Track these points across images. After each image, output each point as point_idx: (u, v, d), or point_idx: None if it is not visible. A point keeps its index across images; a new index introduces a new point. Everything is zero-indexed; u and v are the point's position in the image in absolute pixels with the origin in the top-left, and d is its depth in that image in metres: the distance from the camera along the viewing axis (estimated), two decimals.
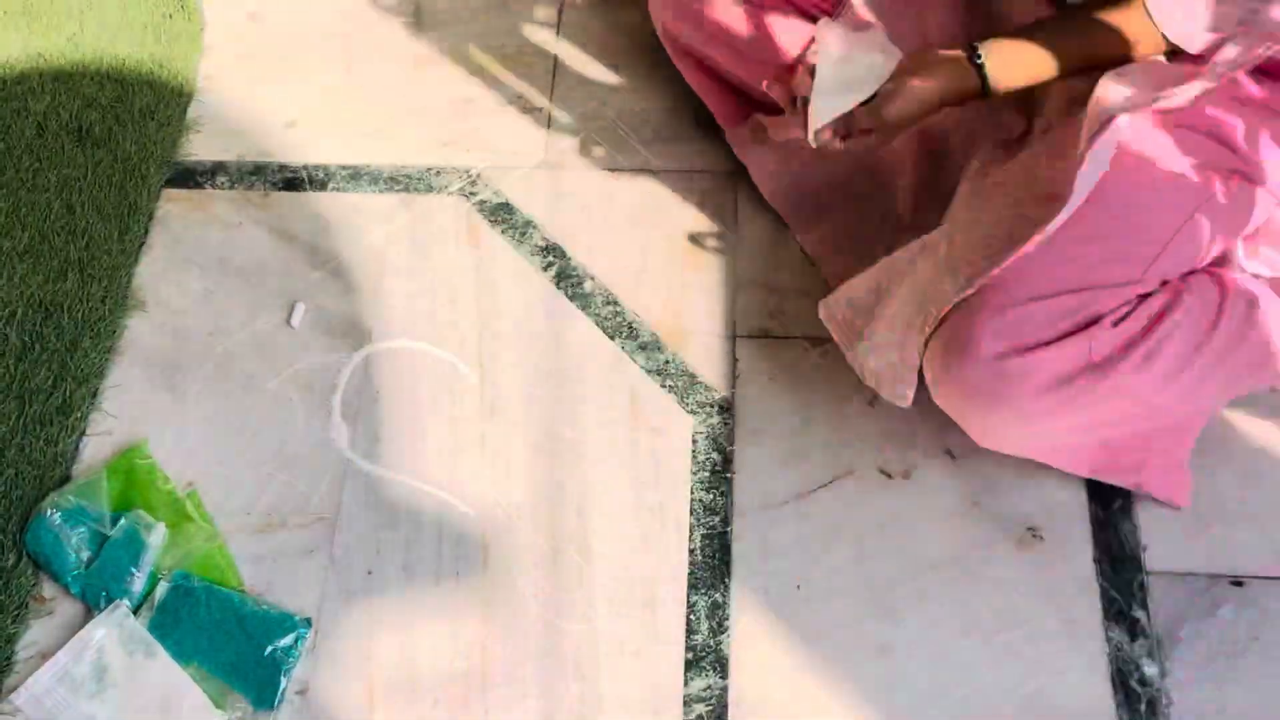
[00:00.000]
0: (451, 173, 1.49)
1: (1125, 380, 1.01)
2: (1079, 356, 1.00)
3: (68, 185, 1.46)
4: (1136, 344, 1.01)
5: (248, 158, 1.51)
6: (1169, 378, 1.03)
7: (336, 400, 1.31)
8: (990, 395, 1.03)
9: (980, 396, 1.04)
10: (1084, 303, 1.01)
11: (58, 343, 1.33)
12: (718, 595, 1.18)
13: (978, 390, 1.04)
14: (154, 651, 1.13)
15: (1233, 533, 1.18)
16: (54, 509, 1.19)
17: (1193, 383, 1.06)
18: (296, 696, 1.13)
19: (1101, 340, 1.01)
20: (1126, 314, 1.02)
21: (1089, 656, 1.13)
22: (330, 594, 1.19)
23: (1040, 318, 1.01)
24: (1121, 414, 1.07)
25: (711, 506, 1.23)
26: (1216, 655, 1.12)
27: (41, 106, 1.53)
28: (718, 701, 1.12)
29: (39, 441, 1.26)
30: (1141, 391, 1.03)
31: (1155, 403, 1.05)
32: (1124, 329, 1.01)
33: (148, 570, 1.17)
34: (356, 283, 1.40)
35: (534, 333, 1.35)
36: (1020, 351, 1.00)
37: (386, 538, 1.22)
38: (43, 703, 1.12)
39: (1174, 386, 1.05)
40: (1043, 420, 1.04)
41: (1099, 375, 1.00)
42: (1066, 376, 1.01)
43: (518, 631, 1.16)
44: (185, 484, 1.25)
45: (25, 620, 1.17)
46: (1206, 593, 1.16)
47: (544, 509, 1.23)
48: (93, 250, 1.41)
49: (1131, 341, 1.01)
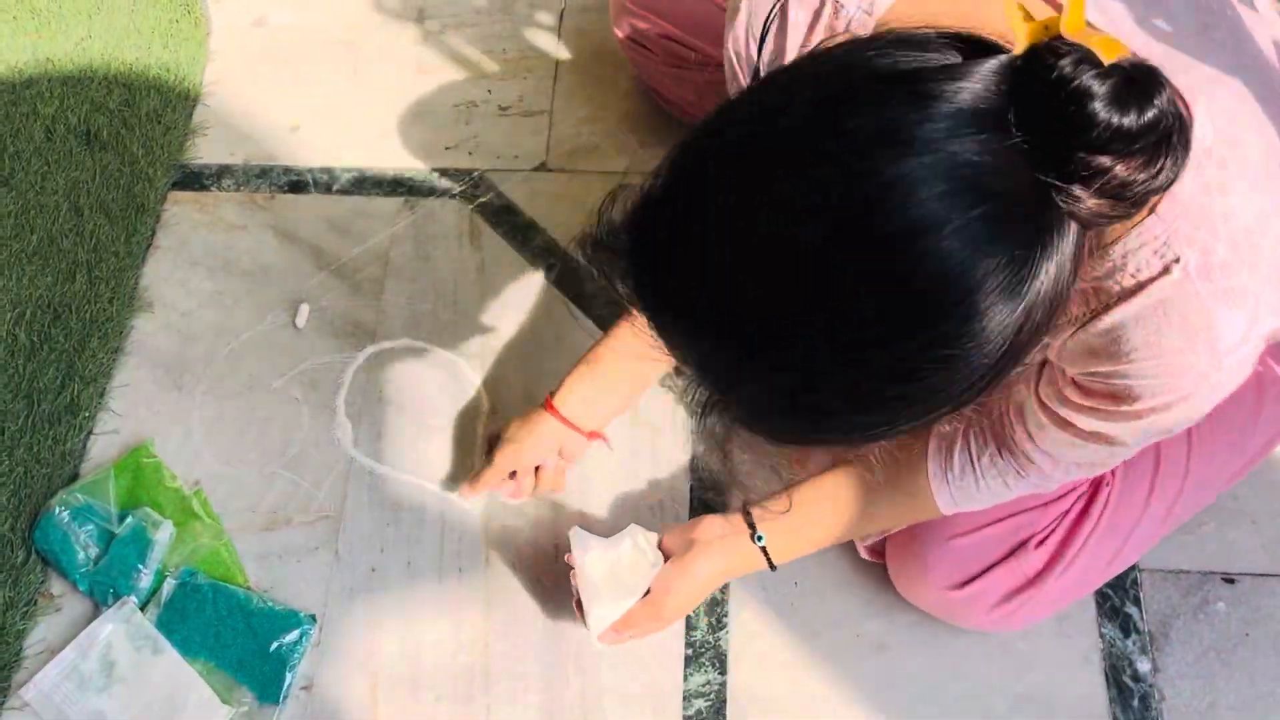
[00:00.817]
0: (454, 176, 1.49)
1: (1052, 586, 1.05)
2: (1016, 576, 1.05)
3: (76, 188, 1.46)
4: (1059, 556, 1.05)
5: (253, 161, 1.51)
6: (1088, 573, 1.07)
7: (341, 399, 1.31)
8: (947, 615, 1.11)
9: (940, 614, 1.12)
10: (1016, 527, 1.05)
11: (66, 343, 1.33)
12: (716, 592, 1.18)
13: (936, 611, 1.11)
14: (161, 648, 1.13)
15: (1225, 531, 1.18)
16: (62, 507, 1.19)
17: (1129, 556, 1.08)
18: (301, 692, 1.13)
19: (1030, 560, 1.05)
20: (1050, 531, 1.05)
21: (1083, 653, 1.13)
22: (334, 591, 1.19)
23: (980, 547, 1.05)
24: (1069, 601, 1.11)
25: (711, 505, 1.23)
26: (1209, 651, 1.12)
27: (50, 110, 1.53)
28: (716, 696, 1.12)
29: (47, 440, 1.26)
30: (1068, 590, 1.07)
31: (1085, 589, 1.10)
32: (1048, 546, 1.05)
33: (154, 567, 1.17)
34: (360, 284, 1.39)
35: (535, 333, 1.35)
36: (967, 581, 1.06)
37: (390, 535, 1.22)
38: (51, 698, 1.12)
39: (1104, 572, 1.08)
40: (998, 626, 1.10)
41: (1035, 589, 1.06)
42: (1009, 594, 1.06)
43: (519, 627, 1.16)
44: (192, 482, 1.25)
45: (34, 617, 1.17)
46: (1199, 590, 1.16)
47: (545, 507, 1.23)
48: (100, 252, 1.41)
49: (1056, 554, 1.05)
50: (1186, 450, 1.07)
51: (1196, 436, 1.07)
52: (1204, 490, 1.09)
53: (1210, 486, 1.10)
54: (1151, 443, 0.85)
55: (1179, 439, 1.07)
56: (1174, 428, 0.78)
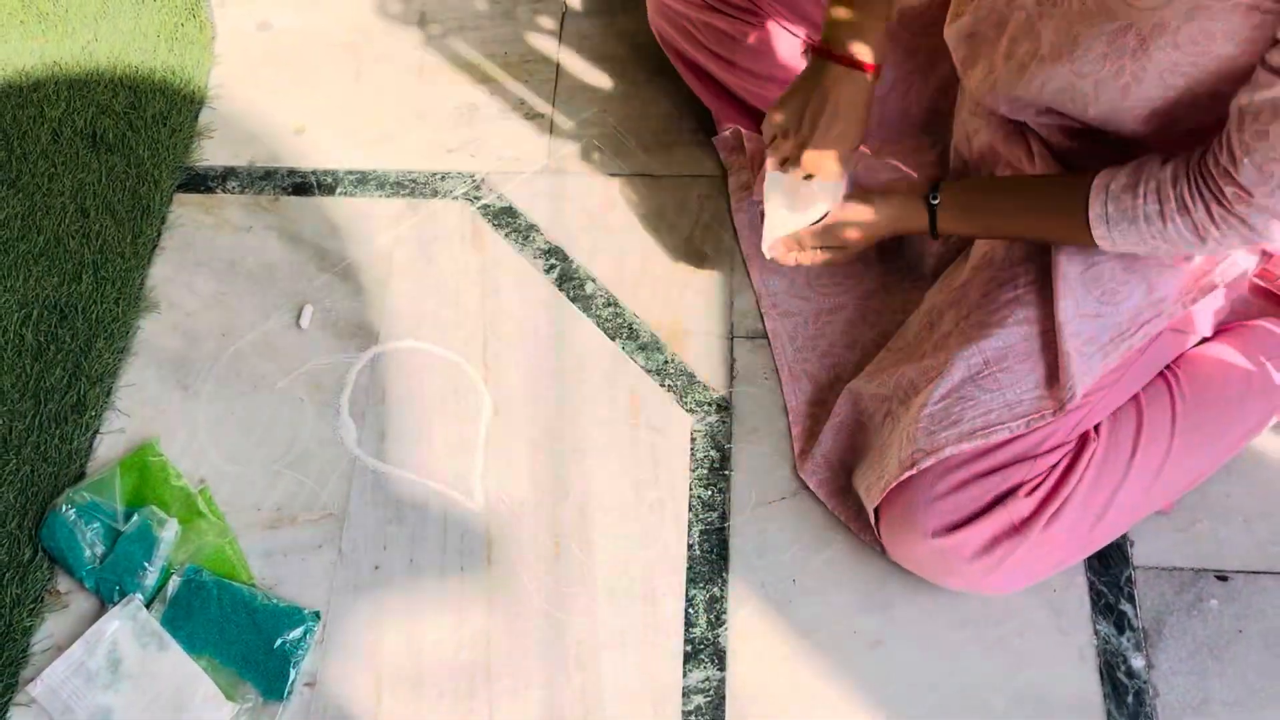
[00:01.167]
0: (456, 178, 1.49)
1: (1040, 538, 1.07)
2: (1003, 522, 1.07)
3: (82, 190, 1.46)
4: (1046, 505, 1.07)
5: (258, 163, 1.51)
6: (1076, 529, 1.08)
7: (344, 399, 1.31)
8: (934, 565, 1.11)
9: (926, 566, 1.12)
10: (1004, 479, 1.07)
11: (72, 343, 1.34)
12: (716, 589, 1.18)
13: (922, 562, 1.12)
14: (166, 644, 1.14)
15: (1218, 529, 1.19)
16: (68, 505, 1.20)
17: (1115, 519, 1.10)
18: (306, 688, 1.14)
19: (1019, 507, 1.07)
20: (1040, 482, 1.08)
21: (1078, 649, 1.13)
22: (338, 588, 1.19)
23: (968, 496, 1.07)
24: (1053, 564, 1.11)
25: (710, 503, 1.23)
26: (1202, 648, 1.13)
27: (57, 113, 1.53)
28: (715, 692, 1.13)
29: (54, 439, 1.27)
30: (1053, 545, 1.08)
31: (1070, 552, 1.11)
32: (1036, 495, 1.07)
33: (160, 565, 1.18)
34: (364, 285, 1.40)
35: (537, 333, 1.36)
36: (953, 528, 1.08)
37: (393, 533, 1.22)
38: (58, 694, 1.12)
39: (1090, 533, 1.09)
40: (978, 582, 1.10)
41: (1019, 538, 1.07)
42: (992, 541, 1.07)
43: (521, 624, 1.17)
44: (197, 480, 1.26)
45: (41, 614, 1.18)
46: (1192, 587, 1.16)
47: (546, 505, 1.24)
48: (107, 253, 1.41)
49: (1043, 503, 1.07)
50: (1170, 422, 1.11)
51: (1180, 409, 1.11)
52: (1184, 468, 1.12)
53: (1190, 466, 1.12)
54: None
55: (1163, 412, 1.11)
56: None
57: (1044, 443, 1.08)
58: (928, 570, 1.12)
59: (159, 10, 1.65)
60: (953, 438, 1.06)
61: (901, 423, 1.12)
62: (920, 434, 1.08)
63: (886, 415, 1.16)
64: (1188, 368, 1.14)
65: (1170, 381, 1.13)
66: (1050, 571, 1.12)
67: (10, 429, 1.27)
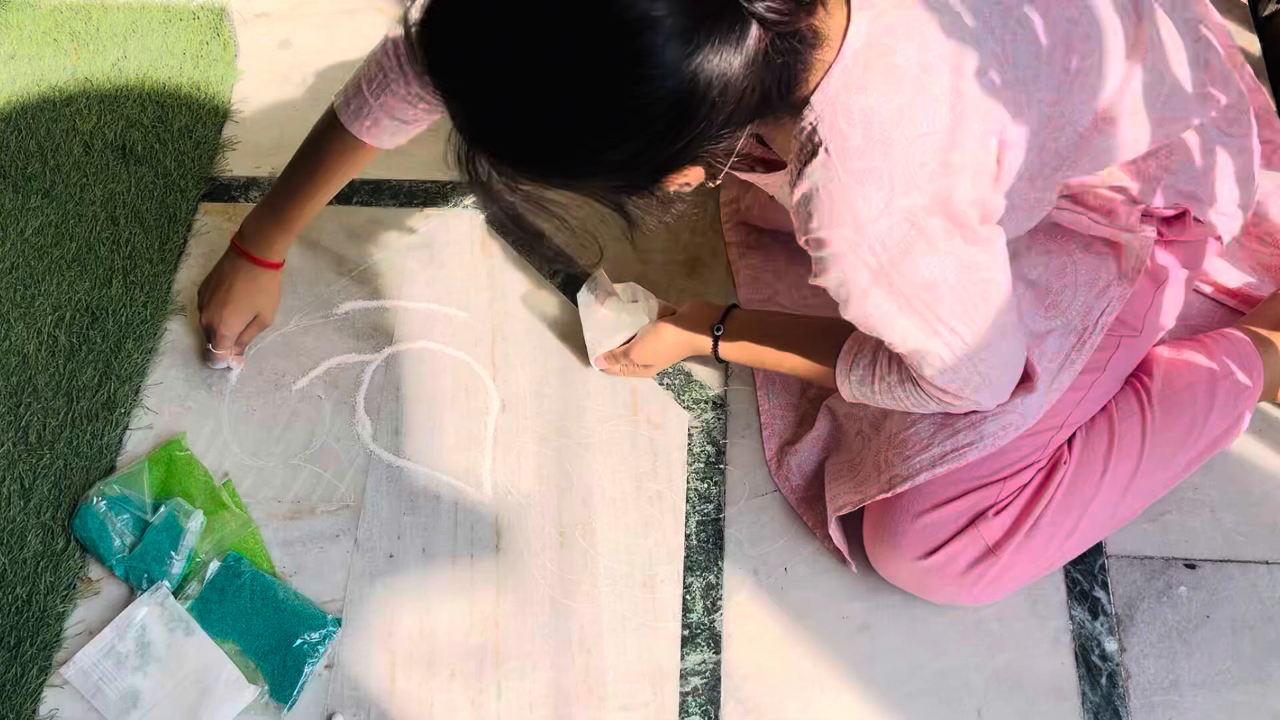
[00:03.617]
0: (465, 188, 1.49)
1: (1012, 558, 1.07)
2: (977, 544, 1.07)
3: (112, 199, 1.47)
4: (1018, 527, 1.07)
5: (279, 174, 1.51)
6: (1049, 546, 1.08)
7: (361, 397, 1.32)
8: (918, 584, 1.12)
9: (911, 584, 1.12)
10: (977, 501, 1.07)
11: (103, 344, 1.34)
12: (712, 576, 1.18)
13: (907, 581, 1.12)
14: (192, 629, 1.14)
15: (1186, 520, 1.19)
16: (100, 497, 1.20)
17: (1087, 534, 1.10)
18: (325, 670, 1.14)
19: (990, 529, 1.07)
20: (1010, 502, 1.07)
21: (1054, 633, 1.13)
22: (355, 575, 1.20)
23: (944, 519, 1.07)
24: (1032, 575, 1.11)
25: (706, 495, 1.23)
26: (1171, 632, 1.13)
27: (88, 127, 1.54)
28: (711, 674, 1.13)
29: (86, 435, 1.27)
30: (1029, 562, 1.08)
31: (1046, 565, 1.10)
32: (1007, 515, 1.07)
33: (186, 554, 1.18)
34: (379, 288, 1.40)
35: (542, 335, 1.36)
36: (932, 551, 1.08)
37: (407, 523, 1.23)
38: (90, 676, 1.13)
39: (1063, 547, 1.09)
40: (961, 597, 1.11)
41: (993, 558, 1.07)
42: (971, 562, 1.07)
43: (528, 609, 1.17)
44: (221, 474, 1.26)
45: (73, 600, 1.18)
46: (1162, 575, 1.16)
47: (552, 497, 1.24)
48: (135, 259, 1.41)
49: (1015, 525, 1.07)
50: (1141, 435, 1.10)
51: (1150, 425, 1.10)
52: (1155, 478, 1.11)
53: (1161, 476, 1.12)
54: (871, 327, 0.92)
55: (1134, 424, 1.10)
56: (850, 297, 0.88)
57: (1016, 462, 1.07)
58: (913, 588, 1.12)
59: (185, 29, 1.65)
60: (926, 463, 1.05)
61: (873, 444, 1.12)
62: (895, 459, 1.07)
63: (857, 434, 1.17)
64: (1156, 378, 1.13)
65: (1141, 397, 1.12)
66: (1030, 581, 1.12)
67: (45, 425, 1.28)
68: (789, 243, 1.39)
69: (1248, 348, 1.16)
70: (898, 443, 1.08)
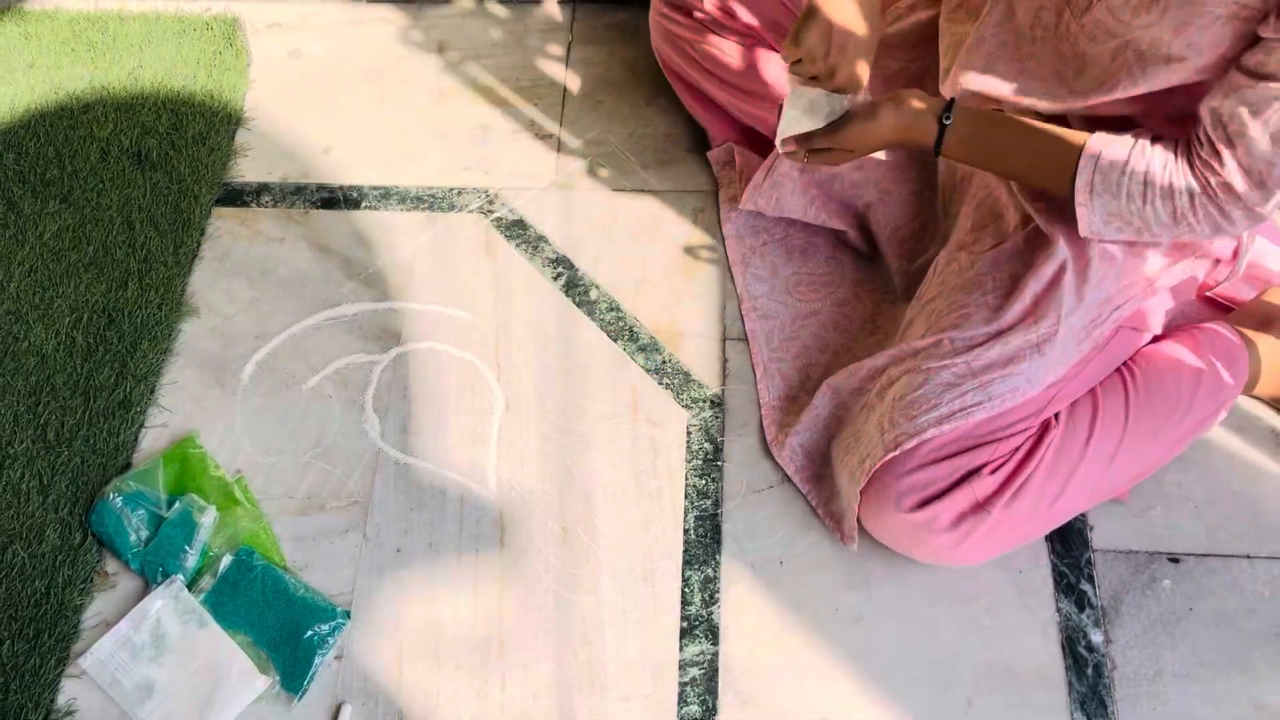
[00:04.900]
0: (471, 193, 1.50)
1: (1002, 515, 1.08)
2: (968, 500, 1.08)
3: (128, 204, 1.47)
4: (1008, 485, 1.08)
5: (289, 179, 1.52)
6: (1036, 507, 1.09)
7: (369, 396, 1.32)
8: (905, 538, 1.12)
9: (899, 539, 1.12)
10: (971, 459, 1.08)
11: (119, 345, 1.34)
12: (710, 570, 1.19)
13: (895, 535, 1.12)
14: (205, 622, 1.14)
15: (1170, 515, 1.19)
16: (116, 493, 1.20)
17: (1072, 499, 1.11)
18: (335, 661, 1.14)
19: (983, 485, 1.08)
20: (1003, 463, 1.08)
21: (1042, 625, 1.14)
22: (364, 569, 1.20)
23: (938, 475, 1.08)
24: (1015, 539, 1.12)
25: (704, 491, 1.24)
26: (1155, 624, 1.13)
27: (105, 134, 1.54)
28: (709, 665, 1.13)
29: (102, 433, 1.28)
30: (1015, 522, 1.09)
31: (1031, 528, 1.11)
32: (1000, 474, 1.08)
33: (199, 548, 1.18)
34: (387, 291, 1.41)
35: (545, 336, 1.36)
36: (924, 503, 1.08)
37: (414, 518, 1.23)
38: (106, 666, 1.13)
39: (1049, 511, 1.10)
40: (946, 554, 1.11)
41: (983, 514, 1.08)
42: (960, 517, 1.08)
43: (531, 602, 1.17)
44: (233, 471, 1.26)
45: (90, 593, 1.18)
46: (1146, 568, 1.16)
47: (554, 493, 1.24)
48: (150, 262, 1.42)
49: (1005, 483, 1.08)
50: (1124, 409, 1.12)
51: (1134, 400, 1.12)
52: (1137, 454, 1.12)
53: (1143, 453, 1.13)
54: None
55: (1118, 400, 1.13)
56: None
57: (1011, 426, 1.08)
58: (901, 543, 1.12)
59: (199, 39, 1.65)
60: (933, 420, 1.07)
61: (877, 412, 1.13)
62: (901, 418, 1.08)
63: (863, 407, 1.17)
64: (1142, 364, 1.15)
65: (1125, 376, 1.14)
66: (1013, 545, 1.13)
67: (63, 424, 1.28)
68: (786, 239, 1.39)
69: (1234, 345, 1.17)
70: (904, 404, 1.08)
